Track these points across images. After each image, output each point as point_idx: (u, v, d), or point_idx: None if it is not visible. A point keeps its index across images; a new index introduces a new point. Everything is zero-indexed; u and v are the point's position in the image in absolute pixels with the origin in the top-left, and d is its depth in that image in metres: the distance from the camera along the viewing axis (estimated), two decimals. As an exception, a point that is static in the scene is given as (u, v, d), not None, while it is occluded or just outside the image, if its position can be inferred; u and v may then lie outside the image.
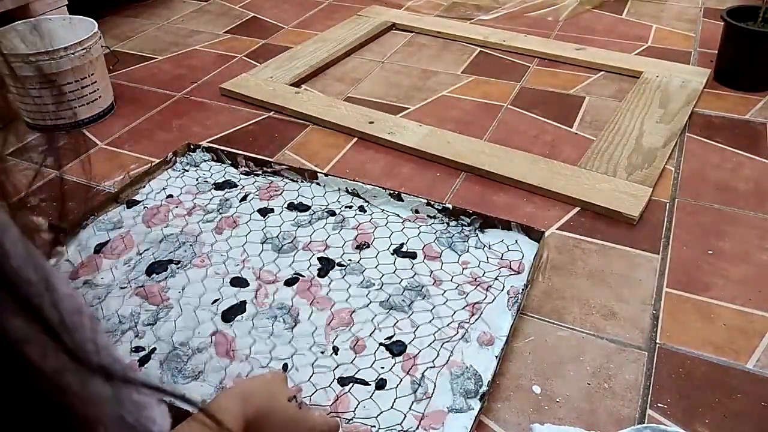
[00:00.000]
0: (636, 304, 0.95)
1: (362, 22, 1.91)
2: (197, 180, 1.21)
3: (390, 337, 0.88)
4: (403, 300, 0.93)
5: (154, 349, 0.87)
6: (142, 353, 0.86)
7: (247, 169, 1.24)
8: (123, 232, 1.08)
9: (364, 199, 1.15)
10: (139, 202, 1.15)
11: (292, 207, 1.14)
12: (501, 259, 1.01)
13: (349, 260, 1.01)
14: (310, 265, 1.01)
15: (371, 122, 1.39)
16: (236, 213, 1.12)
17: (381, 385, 0.82)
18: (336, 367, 0.84)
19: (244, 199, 1.16)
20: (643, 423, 0.78)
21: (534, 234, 1.04)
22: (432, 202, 1.10)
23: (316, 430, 0.67)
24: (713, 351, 0.88)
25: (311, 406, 0.79)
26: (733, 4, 1.57)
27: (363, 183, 1.16)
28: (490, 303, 0.93)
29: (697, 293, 0.97)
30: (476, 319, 0.91)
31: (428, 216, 1.10)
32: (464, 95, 1.54)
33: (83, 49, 1.36)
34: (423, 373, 0.83)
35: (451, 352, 0.86)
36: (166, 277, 0.98)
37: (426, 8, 2.08)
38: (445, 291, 0.96)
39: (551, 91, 1.55)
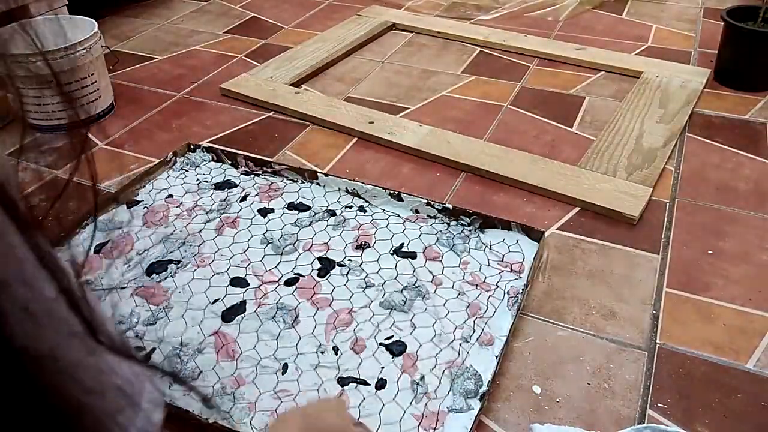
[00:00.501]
0: (636, 304, 0.95)
1: (362, 22, 1.91)
2: (197, 180, 1.21)
3: (390, 338, 0.88)
4: (403, 300, 0.93)
5: (154, 349, 0.87)
6: (142, 353, 0.86)
7: (247, 170, 1.24)
8: (123, 232, 1.08)
9: (364, 199, 1.15)
10: (139, 202, 1.15)
11: (292, 207, 1.14)
12: (502, 260, 1.01)
13: (350, 260, 1.01)
14: (311, 266, 1.01)
15: (371, 122, 1.39)
16: (236, 213, 1.12)
17: (381, 385, 0.82)
18: (336, 367, 0.84)
19: (244, 199, 1.16)
20: (643, 423, 0.78)
21: (534, 234, 1.04)
22: (432, 202, 1.10)
23: None
24: (713, 351, 0.88)
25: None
26: (733, 4, 1.57)
27: (363, 183, 1.16)
28: (490, 303, 0.93)
29: (697, 293, 0.97)
30: (476, 320, 0.91)
31: (428, 216, 1.10)
32: (464, 95, 1.54)
33: (83, 49, 1.36)
34: (423, 374, 0.83)
35: (451, 352, 0.86)
36: (166, 277, 0.98)
37: (426, 8, 2.08)
38: (445, 291, 0.96)
39: (551, 91, 1.55)
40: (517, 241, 1.04)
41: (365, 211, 1.12)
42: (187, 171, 1.24)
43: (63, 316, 0.23)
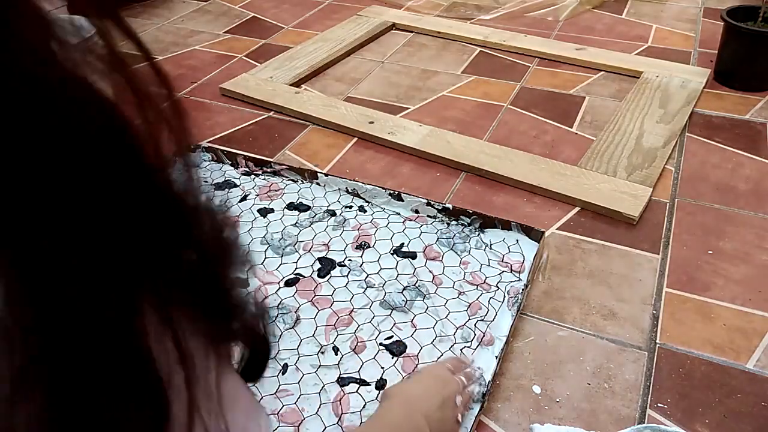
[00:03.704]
0: (636, 304, 0.95)
1: (362, 22, 1.92)
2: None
3: (390, 338, 0.88)
4: (403, 300, 0.94)
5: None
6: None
7: (247, 170, 1.24)
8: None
9: (364, 199, 1.15)
10: (139, 202, 1.15)
11: (292, 207, 1.14)
12: (502, 260, 1.01)
13: (350, 260, 1.02)
14: (311, 266, 1.01)
15: (371, 122, 1.39)
16: (237, 215, 1.12)
17: (381, 385, 0.82)
18: (336, 368, 0.84)
19: (244, 199, 1.16)
20: (643, 423, 0.78)
21: (534, 234, 1.04)
22: (432, 202, 1.10)
23: None
24: (713, 351, 0.88)
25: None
26: (733, 4, 1.57)
27: (363, 183, 1.16)
28: (490, 303, 0.93)
29: (697, 293, 0.97)
30: (476, 320, 0.91)
31: (428, 216, 1.10)
32: (464, 95, 1.54)
33: (83, 50, 1.36)
34: (423, 374, 0.83)
35: (451, 353, 0.86)
36: (166, 278, 0.98)
37: (426, 8, 2.08)
38: (445, 291, 0.96)
39: (551, 91, 1.55)
40: (517, 241, 1.04)
41: (365, 211, 1.12)
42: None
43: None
